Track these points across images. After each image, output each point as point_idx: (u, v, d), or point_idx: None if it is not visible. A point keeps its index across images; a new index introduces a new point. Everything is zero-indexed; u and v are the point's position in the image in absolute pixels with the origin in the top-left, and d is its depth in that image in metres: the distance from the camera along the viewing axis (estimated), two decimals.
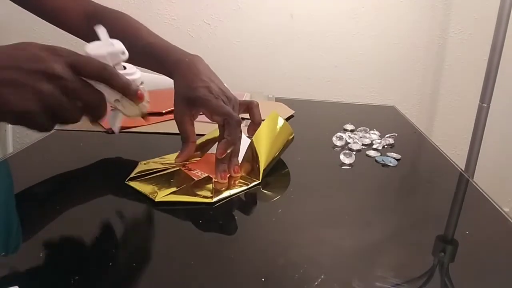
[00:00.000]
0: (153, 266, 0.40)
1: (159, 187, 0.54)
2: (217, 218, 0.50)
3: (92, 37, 0.73)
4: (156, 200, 0.51)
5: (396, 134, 0.82)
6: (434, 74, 1.50)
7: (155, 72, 0.67)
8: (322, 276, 0.40)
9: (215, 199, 0.52)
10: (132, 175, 0.57)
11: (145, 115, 0.52)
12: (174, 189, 0.54)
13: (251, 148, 0.60)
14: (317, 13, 1.42)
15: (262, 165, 0.59)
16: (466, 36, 1.45)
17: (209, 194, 0.53)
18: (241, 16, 1.42)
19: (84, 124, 0.46)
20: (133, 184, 0.55)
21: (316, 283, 0.39)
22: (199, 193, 0.53)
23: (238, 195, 0.55)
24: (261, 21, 1.43)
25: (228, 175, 0.58)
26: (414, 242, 0.48)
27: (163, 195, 0.52)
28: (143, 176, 0.57)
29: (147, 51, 0.65)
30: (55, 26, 0.73)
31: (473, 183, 0.65)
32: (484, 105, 1.29)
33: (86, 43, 0.51)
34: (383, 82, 1.50)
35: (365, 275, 0.41)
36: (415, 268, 0.43)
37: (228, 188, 0.55)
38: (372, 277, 0.40)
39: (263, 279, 0.39)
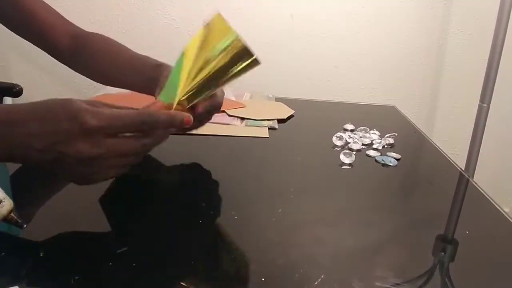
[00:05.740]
0: (152, 266, 0.40)
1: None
2: (217, 218, 0.50)
3: (75, 57, 0.74)
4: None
5: (396, 134, 0.82)
6: (434, 74, 1.50)
7: None
8: (322, 276, 0.40)
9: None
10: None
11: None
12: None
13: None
14: (317, 13, 1.42)
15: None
16: (466, 36, 1.45)
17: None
18: (241, 16, 1.42)
19: None
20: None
21: (316, 283, 0.39)
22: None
23: (237, 197, 0.55)
24: (261, 21, 1.43)
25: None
26: (414, 242, 0.48)
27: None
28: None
29: (127, 67, 0.69)
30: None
31: (473, 183, 0.65)
32: (484, 105, 1.29)
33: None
34: (383, 82, 1.50)
35: (365, 275, 0.41)
36: (415, 268, 0.43)
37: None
38: (372, 277, 0.40)
39: (263, 279, 0.39)
